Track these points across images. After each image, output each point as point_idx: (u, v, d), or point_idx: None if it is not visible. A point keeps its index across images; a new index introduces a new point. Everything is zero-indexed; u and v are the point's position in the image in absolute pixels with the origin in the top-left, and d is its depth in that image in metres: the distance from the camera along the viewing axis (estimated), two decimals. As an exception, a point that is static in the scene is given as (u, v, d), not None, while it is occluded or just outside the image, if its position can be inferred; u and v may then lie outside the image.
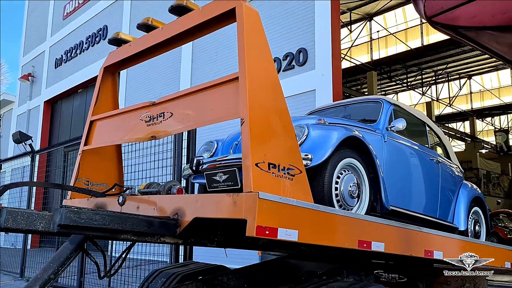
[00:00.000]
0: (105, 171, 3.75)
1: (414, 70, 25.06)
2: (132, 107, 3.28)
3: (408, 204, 4.22)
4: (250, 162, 2.33)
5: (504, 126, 32.07)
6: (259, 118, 2.47)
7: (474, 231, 5.09)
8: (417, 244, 3.48)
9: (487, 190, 27.62)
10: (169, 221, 2.61)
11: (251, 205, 2.26)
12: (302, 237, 2.51)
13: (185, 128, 2.88)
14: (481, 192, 5.56)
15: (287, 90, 10.16)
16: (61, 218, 2.31)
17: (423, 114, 5.31)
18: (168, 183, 3.04)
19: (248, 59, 2.50)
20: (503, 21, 3.84)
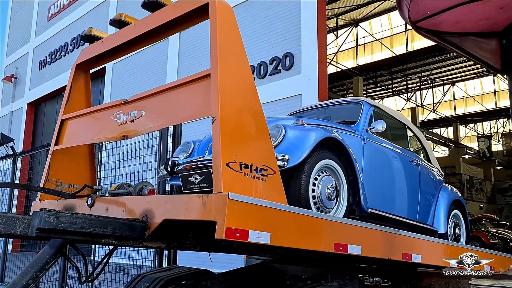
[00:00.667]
0: (77, 172, 3.62)
1: (399, 76, 25.29)
2: (103, 105, 3.17)
3: (388, 207, 4.16)
4: (221, 162, 2.24)
5: (487, 132, 32.49)
6: (230, 116, 2.38)
7: (454, 234, 5.05)
8: (395, 247, 3.41)
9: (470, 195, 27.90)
10: (137, 223, 2.50)
11: (221, 206, 2.17)
12: (275, 240, 2.41)
13: (156, 127, 2.78)
14: (461, 195, 5.53)
15: (274, 94, 10.16)
16: (40, 221, 2.22)
17: (404, 117, 5.27)
18: (139, 183, 2.94)
19: (220, 56, 2.41)
20: (486, 27, 3.85)
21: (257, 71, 9.89)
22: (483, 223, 20.03)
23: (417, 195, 4.65)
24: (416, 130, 5.27)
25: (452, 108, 30.44)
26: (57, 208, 3.20)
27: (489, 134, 32.10)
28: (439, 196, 5.01)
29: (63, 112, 3.52)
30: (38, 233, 2.24)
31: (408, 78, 25.72)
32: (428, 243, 3.97)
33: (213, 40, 2.45)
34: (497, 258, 5.21)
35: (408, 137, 4.97)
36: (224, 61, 2.43)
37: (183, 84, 2.63)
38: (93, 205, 2.93)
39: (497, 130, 32.59)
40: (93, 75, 14.20)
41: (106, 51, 3.30)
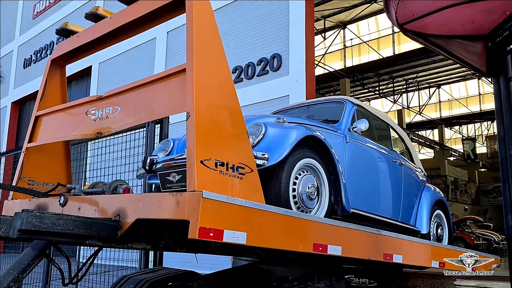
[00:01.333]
0: (52, 170, 3.50)
1: (386, 79, 25.42)
2: (78, 101, 3.08)
3: (370, 207, 4.10)
4: (195, 159, 2.15)
5: (471, 135, 32.83)
6: (206, 112, 2.30)
7: (436, 234, 5.03)
8: (376, 248, 3.36)
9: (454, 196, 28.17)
10: (108, 223, 2.40)
11: (194, 205, 2.08)
12: (251, 240, 2.33)
13: (131, 123, 2.68)
14: (444, 196, 5.51)
15: (261, 95, 10.10)
16: (22, 222, 2.13)
17: (387, 116, 5.24)
18: (114, 182, 2.84)
19: (196, 51, 2.33)
20: (472, 30, 3.85)
21: (245, 72, 9.83)
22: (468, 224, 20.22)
23: (400, 195, 4.62)
24: (399, 130, 5.24)
25: (437, 111, 30.69)
26: (29, 207, 3.09)
27: (473, 137, 32.45)
28: (422, 196, 4.98)
29: (37, 108, 3.41)
30: (20, 234, 2.16)
31: (395, 80, 25.87)
32: (409, 243, 3.92)
33: (189, 34, 2.37)
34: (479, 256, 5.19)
35: (391, 136, 4.93)
36: (200, 56, 2.34)
37: (158, 80, 2.54)
38: (66, 204, 2.82)
39: (481, 133, 32.94)
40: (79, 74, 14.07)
41: (81, 45, 3.19)
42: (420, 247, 4.10)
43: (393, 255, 3.50)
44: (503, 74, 3.81)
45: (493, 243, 19.48)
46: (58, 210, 2.84)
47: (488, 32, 3.84)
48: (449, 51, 3.56)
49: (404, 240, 3.84)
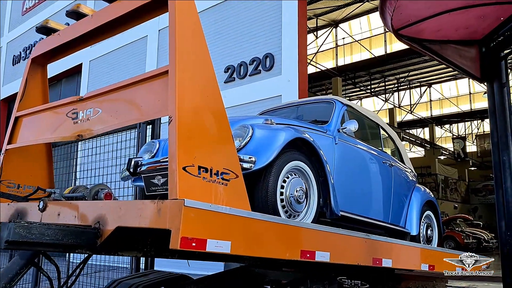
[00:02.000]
0: (32, 173, 3.39)
1: (377, 77, 25.45)
2: (58, 102, 2.97)
3: (359, 209, 4.03)
4: (177, 166, 2.05)
5: (462, 134, 33.00)
6: (189, 116, 2.20)
7: (426, 235, 4.96)
8: (365, 252, 3.28)
9: (445, 195, 28.31)
10: (87, 230, 2.29)
11: (176, 214, 1.98)
12: (236, 249, 2.24)
13: (113, 126, 2.58)
14: (434, 196, 5.45)
15: (254, 95, 10.04)
16: (9, 234, 2.06)
17: (377, 116, 5.17)
18: (95, 187, 2.73)
19: (179, 52, 2.23)
20: (466, 35, 3.82)
21: (237, 71, 9.74)
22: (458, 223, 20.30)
23: (390, 196, 4.55)
24: (389, 130, 5.17)
25: (428, 110, 30.80)
26: (8, 212, 2.97)
27: (463, 136, 32.62)
28: (412, 197, 4.92)
29: (17, 109, 3.28)
30: (7, 245, 2.09)
31: (386, 79, 25.90)
32: (399, 247, 3.86)
33: (172, 35, 2.26)
34: None
35: (381, 137, 4.86)
36: (183, 57, 2.24)
37: (140, 81, 2.44)
38: (45, 209, 2.71)
39: (471, 132, 33.13)
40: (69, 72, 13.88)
41: (63, 44, 3.07)
42: (410, 251, 4.04)
43: (382, 259, 3.43)
44: (497, 80, 3.76)
45: (482, 241, 19.58)
46: (38, 215, 2.73)
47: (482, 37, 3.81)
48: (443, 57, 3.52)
49: (394, 244, 3.77)
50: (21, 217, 2.89)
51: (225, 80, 9.91)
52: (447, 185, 29.01)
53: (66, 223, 2.50)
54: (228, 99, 11.32)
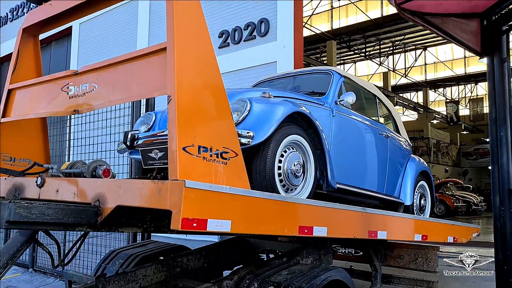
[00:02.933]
0: (28, 146, 3.35)
1: (372, 41, 25.09)
2: (53, 75, 2.88)
3: (356, 181, 4.07)
4: (177, 146, 2.03)
5: (455, 97, 33.01)
6: (188, 95, 2.15)
7: (419, 205, 5.05)
8: (361, 226, 3.33)
9: (436, 158, 28.64)
10: (87, 209, 2.30)
11: (177, 195, 1.98)
12: (236, 227, 2.26)
13: (110, 102, 2.52)
14: (428, 166, 5.50)
15: (248, 61, 9.89)
16: (10, 214, 2.06)
17: (374, 87, 5.13)
18: (93, 162, 2.70)
19: (177, 28, 2.16)
20: (468, 9, 3.75)
21: (231, 37, 9.55)
22: (448, 186, 20.63)
23: (385, 168, 4.59)
24: (386, 101, 5.15)
25: (423, 73, 30.63)
26: (6, 187, 2.96)
27: (457, 99, 32.65)
28: (407, 168, 4.97)
29: (10, 81, 3.20)
30: (8, 225, 2.10)
31: (382, 42, 25.56)
32: (394, 219, 3.93)
33: (169, 8, 2.19)
34: (460, 229, 5.27)
35: (377, 108, 4.85)
36: (182, 33, 2.17)
37: (138, 57, 2.37)
38: (43, 185, 2.70)
39: (465, 95, 33.15)
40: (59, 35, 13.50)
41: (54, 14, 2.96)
42: (404, 222, 4.11)
43: (378, 231, 3.49)
44: (497, 54, 3.73)
45: (472, 204, 20.01)
46: (35, 191, 2.72)
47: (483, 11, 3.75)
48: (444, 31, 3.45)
49: (389, 216, 3.84)
50: (19, 192, 2.88)
51: (219, 46, 9.73)
52: (438, 149, 29.28)
53: (65, 200, 2.51)
54: (222, 65, 11.12)
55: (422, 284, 4.54)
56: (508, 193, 3.81)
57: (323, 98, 3.91)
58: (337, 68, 4.40)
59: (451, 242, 4.87)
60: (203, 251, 3.96)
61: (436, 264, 4.67)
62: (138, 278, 3.28)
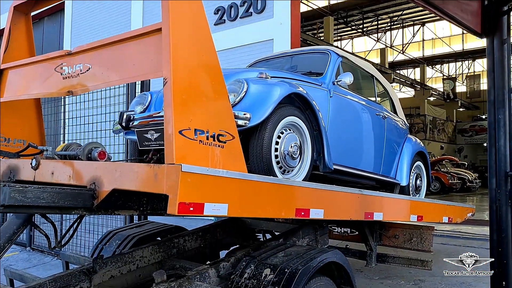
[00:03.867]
0: (23, 127, 3.32)
1: (370, 16, 24.77)
2: (46, 56, 2.82)
3: (352, 162, 4.07)
4: (173, 130, 2.00)
5: (452, 74, 32.87)
6: (184, 77, 2.11)
7: (415, 185, 5.07)
8: (358, 207, 3.34)
9: (432, 135, 28.72)
10: (83, 192, 2.29)
11: (173, 179, 1.96)
12: (233, 211, 2.25)
13: (105, 84, 2.48)
14: (424, 146, 5.50)
15: (245, 38, 9.79)
16: (5, 198, 2.05)
17: (372, 67, 5.08)
18: (88, 145, 2.68)
19: (172, 8, 2.10)
20: None
21: (227, 13, 9.39)
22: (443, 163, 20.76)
23: (382, 149, 4.58)
24: (383, 81, 5.11)
25: (420, 49, 30.39)
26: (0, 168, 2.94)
27: (454, 76, 32.52)
28: (403, 148, 4.96)
29: (2, 60, 3.13)
30: (3, 209, 2.09)
31: (379, 18, 25.24)
32: (390, 201, 3.94)
33: None
34: (455, 209, 5.30)
35: (375, 88, 4.81)
36: (177, 13, 2.11)
37: (132, 38, 2.32)
38: (38, 167, 2.68)
39: (462, 72, 33.01)
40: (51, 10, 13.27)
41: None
42: (400, 203, 4.12)
43: (374, 213, 3.50)
44: (497, 35, 3.68)
45: (466, 181, 20.20)
46: (31, 173, 2.70)
47: (484, -10, 3.69)
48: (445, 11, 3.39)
49: (385, 197, 3.85)
50: (14, 174, 2.87)
51: (215, 22, 9.59)
52: (435, 126, 29.32)
53: (61, 183, 2.49)
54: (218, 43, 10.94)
55: (417, 263, 4.61)
56: (505, 176, 3.82)
57: (320, 78, 3.88)
58: (334, 48, 4.35)
59: (446, 222, 4.91)
60: (199, 232, 3.98)
61: (430, 244, 4.71)
62: (135, 259, 3.30)
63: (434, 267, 6.81)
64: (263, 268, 2.65)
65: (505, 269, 3.82)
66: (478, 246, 8.37)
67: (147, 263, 3.36)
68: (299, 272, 2.56)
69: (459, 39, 28.99)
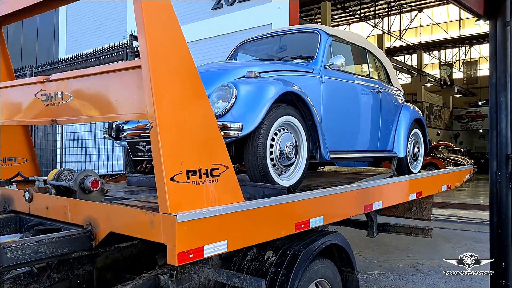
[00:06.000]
0: (10, 144, 3.22)
1: (367, 2, 24.41)
2: (23, 80, 2.73)
3: (348, 144, 3.96)
4: (164, 177, 1.85)
5: (449, 60, 32.59)
6: (171, 119, 1.94)
7: (413, 153, 4.88)
8: (357, 203, 3.21)
9: (428, 122, 28.59)
10: (80, 236, 2.22)
11: (170, 230, 1.83)
12: (233, 245, 2.12)
13: (88, 119, 2.33)
14: (421, 113, 5.24)
15: (243, 23, 9.56)
16: (2, 260, 1.97)
17: (363, 39, 4.80)
18: (80, 174, 2.53)
19: (150, 44, 1.89)
20: None
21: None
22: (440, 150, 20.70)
23: (378, 125, 4.40)
24: (376, 51, 4.83)
25: (417, 35, 30.07)
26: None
27: (451, 62, 32.26)
28: (400, 118, 4.75)
29: None
30: (2, 269, 2.03)
31: (377, 4, 24.88)
32: (388, 187, 3.78)
33: (139, 19, 1.90)
34: (453, 175, 5.22)
35: (368, 62, 4.57)
36: (157, 48, 1.92)
37: (112, 71, 2.16)
38: (32, 200, 2.60)
39: (458, 58, 32.73)
40: None
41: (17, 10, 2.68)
42: (398, 186, 3.99)
43: (373, 203, 3.39)
44: (500, 18, 3.58)
45: (463, 167, 20.12)
46: (25, 205, 2.64)
47: (488, -28, 3.57)
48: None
49: (383, 185, 3.68)
50: (8, 203, 2.81)
51: (213, 7, 9.38)
52: (431, 112, 29.19)
53: (56, 219, 2.45)
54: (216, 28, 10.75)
55: (417, 232, 4.57)
56: (506, 159, 3.80)
57: (311, 63, 3.68)
58: (324, 26, 4.07)
59: (444, 190, 4.80)
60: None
61: (430, 213, 4.73)
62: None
63: (432, 250, 6.84)
64: (265, 251, 2.64)
65: (505, 251, 3.82)
66: (475, 230, 8.44)
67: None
68: (301, 254, 2.59)
69: (457, 25, 28.67)
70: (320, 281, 2.90)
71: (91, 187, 2.48)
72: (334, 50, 3.85)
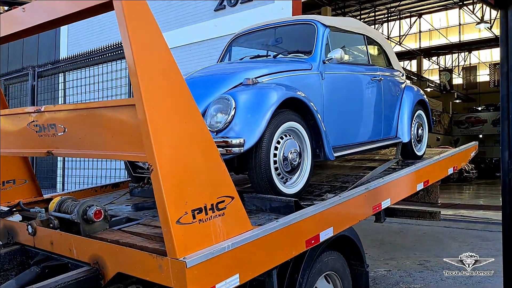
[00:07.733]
0: (8, 167, 3.15)
1: (367, 7, 24.41)
2: (16, 110, 2.68)
3: (352, 138, 3.85)
4: (169, 221, 1.77)
5: (448, 66, 32.51)
6: (172, 159, 1.83)
7: (417, 135, 4.73)
8: (365, 206, 3.13)
9: (428, 127, 28.43)
10: (89, 276, 2.15)
11: (180, 275, 1.77)
12: (245, 277, 2.05)
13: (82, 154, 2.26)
14: (423, 94, 5.05)
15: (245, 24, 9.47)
16: None
17: (361, 24, 4.60)
18: (82, 204, 2.47)
19: (143, 83, 1.77)
20: None
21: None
22: (441, 154, 20.61)
23: (381, 113, 4.28)
24: (374, 35, 4.64)
25: (417, 41, 30.03)
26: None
27: (450, 68, 32.17)
28: (402, 101, 4.60)
29: None
30: None
31: (377, 9, 24.89)
32: (395, 183, 3.65)
33: (129, 55, 1.78)
34: (458, 156, 5.08)
35: (367, 48, 4.41)
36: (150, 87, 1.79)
37: (106, 108, 2.11)
38: (35, 234, 2.53)
39: (458, 64, 32.64)
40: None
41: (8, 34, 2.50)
42: (405, 180, 3.85)
43: (381, 202, 3.30)
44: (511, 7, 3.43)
45: (463, 172, 20.17)
46: (29, 238, 2.57)
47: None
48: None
49: (390, 182, 3.54)
50: (12, 235, 2.74)
51: (216, 8, 9.32)
52: (431, 117, 29.08)
53: (62, 254, 2.39)
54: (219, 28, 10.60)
55: (425, 215, 4.50)
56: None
57: (309, 59, 3.54)
58: (320, 17, 3.89)
59: (451, 173, 4.67)
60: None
61: (437, 196, 4.63)
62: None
63: (439, 248, 6.77)
64: None
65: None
66: (480, 229, 8.36)
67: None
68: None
69: (456, 30, 28.65)
70: (330, 274, 2.83)
71: (94, 217, 2.43)
72: (332, 41, 3.70)
